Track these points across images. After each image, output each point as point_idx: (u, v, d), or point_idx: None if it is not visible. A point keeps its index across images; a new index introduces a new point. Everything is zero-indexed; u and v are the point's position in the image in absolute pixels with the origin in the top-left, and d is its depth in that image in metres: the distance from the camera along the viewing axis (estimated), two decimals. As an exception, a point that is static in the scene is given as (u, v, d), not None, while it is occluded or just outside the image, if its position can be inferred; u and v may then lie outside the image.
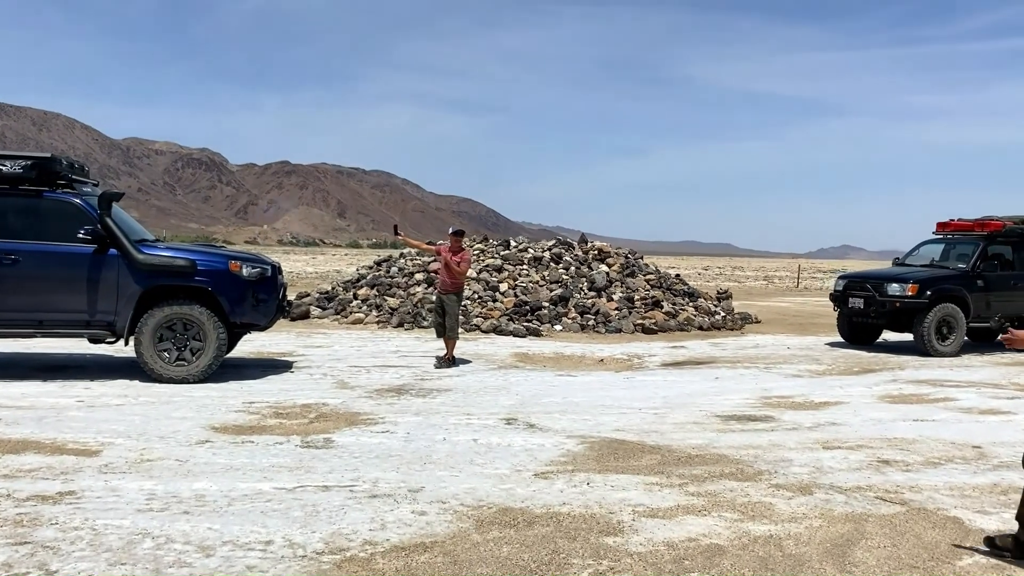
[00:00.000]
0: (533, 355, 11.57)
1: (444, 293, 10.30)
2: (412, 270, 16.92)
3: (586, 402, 7.98)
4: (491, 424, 6.85)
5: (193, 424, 6.56)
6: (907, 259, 14.40)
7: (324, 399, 7.78)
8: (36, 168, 8.23)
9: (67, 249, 8.28)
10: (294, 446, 5.96)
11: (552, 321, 14.66)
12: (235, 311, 8.66)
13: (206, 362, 8.47)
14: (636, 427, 6.92)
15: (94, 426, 6.39)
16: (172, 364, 8.43)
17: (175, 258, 8.49)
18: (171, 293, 8.51)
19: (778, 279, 53.86)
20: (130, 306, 8.37)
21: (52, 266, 8.28)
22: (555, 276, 16.16)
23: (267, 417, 6.94)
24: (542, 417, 7.17)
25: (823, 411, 7.88)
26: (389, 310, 15.34)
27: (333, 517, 4.42)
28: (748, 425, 7.14)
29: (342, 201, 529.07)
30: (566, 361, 11.19)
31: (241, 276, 8.68)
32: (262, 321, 8.97)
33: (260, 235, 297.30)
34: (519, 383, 9.05)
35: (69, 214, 8.35)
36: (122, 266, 8.34)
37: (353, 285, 17.10)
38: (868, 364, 11.51)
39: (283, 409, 7.27)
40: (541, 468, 5.54)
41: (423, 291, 15.88)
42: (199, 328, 8.46)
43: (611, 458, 5.87)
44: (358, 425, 6.71)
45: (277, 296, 9.12)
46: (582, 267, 16.80)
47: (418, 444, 6.11)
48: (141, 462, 5.43)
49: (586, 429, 6.77)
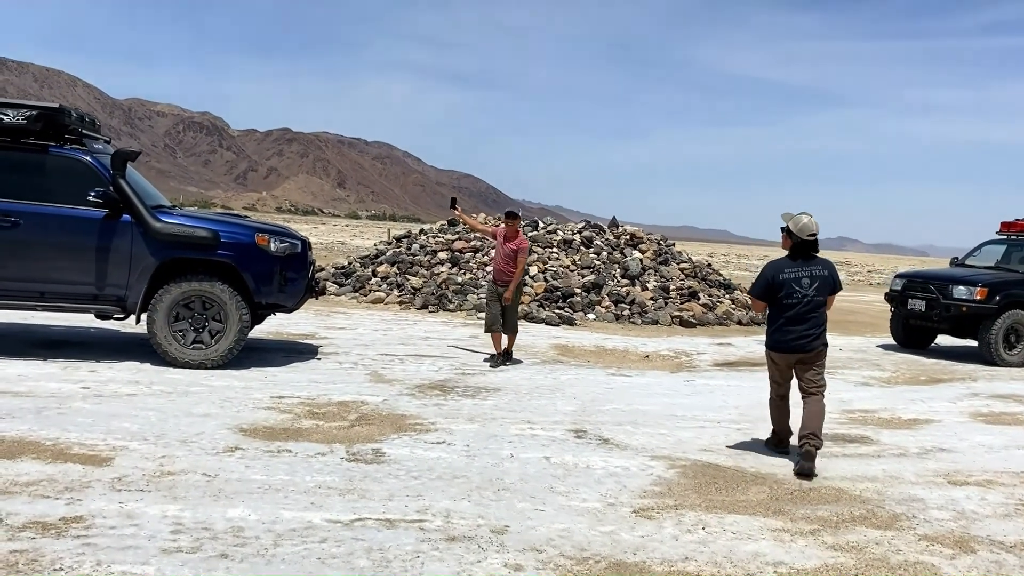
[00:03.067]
0: (573, 348, 10.67)
1: (501, 283, 8.96)
2: (435, 248, 15.98)
3: (655, 411, 7.08)
4: (559, 437, 5.95)
5: (218, 424, 5.65)
6: (967, 260, 13.47)
7: (362, 395, 6.87)
8: (42, 120, 7.24)
9: (75, 213, 7.32)
10: (339, 459, 5.06)
11: (585, 309, 13.75)
12: (260, 290, 7.72)
13: (226, 346, 7.55)
14: (723, 445, 6.03)
15: (103, 423, 5.48)
16: (188, 347, 7.51)
17: (196, 228, 7.53)
18: (190, 267, 7.57)
19: (788, 270, 53.05)
20: (144, 280, 7.43)
21: (57, 231, 7.33)
22: (586, 261, 15.22)
23: (301, 417, 6.04)
24: (613, 430, 6.27)
25: (920, 431, 7.00)
26: (412, 290, 14.41)
27: (409, 569, 3.53)
28: (848, 448, 6.25)
29: (342, 171, 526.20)
30: (610, 356, 10.29)
31: (268, 251, 7.74)
32: (290, 302, 8.04)
33: (259, 202, 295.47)
34: (571, 383, 8.15)
35: (78, 173, 7.39)
36: (136, 235, 7.39)
37: (372, 261, 16.16)
38: (933, 372, 10.62)
39: (318, 407, 6.36)
40: (637, 501, 4.65)
41: (447, 271, 14.94)
42: (220, 308, 7.53)
43: (712, 488, 4.99)
44: (407, 432, 5.80)
45: (307, 275, 8.18)
46: (614, 252, 15.86)
47: (483, 461, 5.20)
48: (162, 475, 4.52)
49: (668, 448, 5.88)
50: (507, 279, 8.88)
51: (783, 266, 5.69)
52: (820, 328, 5.72)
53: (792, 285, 5.63)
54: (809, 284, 5.64)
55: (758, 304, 5.92)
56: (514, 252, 8.86)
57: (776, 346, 5.79)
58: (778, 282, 5.65)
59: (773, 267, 5.72)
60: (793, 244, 5.72)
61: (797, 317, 5.64)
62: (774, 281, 5.67)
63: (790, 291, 5.62)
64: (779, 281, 5.65)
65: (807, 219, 5.70)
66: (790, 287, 5.63)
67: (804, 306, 5.63)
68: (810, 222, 5.69)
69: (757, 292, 5.83)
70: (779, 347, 5.77)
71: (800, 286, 5.63)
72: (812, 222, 5.69)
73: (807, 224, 5.67)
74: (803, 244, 5.70)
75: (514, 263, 8.88)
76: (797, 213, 5.77)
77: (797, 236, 5.69)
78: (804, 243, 5.70)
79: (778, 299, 5.66)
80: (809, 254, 5.74)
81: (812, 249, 5.73)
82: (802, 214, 5.74)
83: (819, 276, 5.67)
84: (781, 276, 5.65)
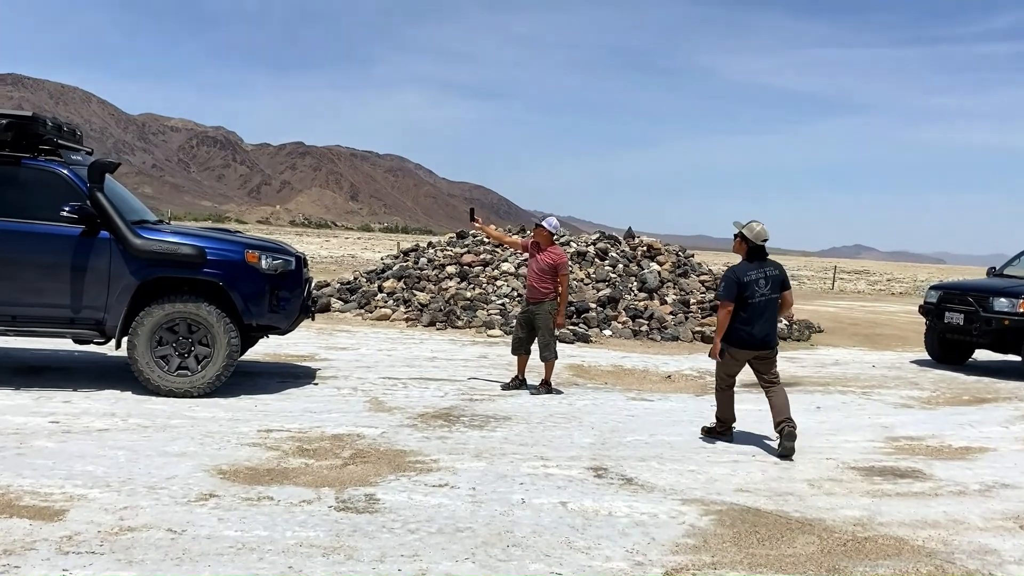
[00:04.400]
0: (590, 368, 10.03)
1: (533, 302, 8.07)
2: (443, 262, 15.37)
3: (682, 443, 6.43)
4: (576, 476, 5.31)
5: (194, 465, 5.04)
6: (1006, 269, 12.74)
7: (358, 428, 6.25)
8: (13, 129, 6.69)
9: (48, 230, 6.76)
10: (327, 507, 4.44)
11: (601, 325, 13.10)
12: (251, 311, 7.12)
13: (213, 372, 6.96)
14: (762, 486, 5.37)
15: (65, 465, 4.88)
16: (172, 374, 6.92)
17: (180, 244, 6.95)
18: (174, 287, 6.99)
19: (806, 279, 52.16)
20: (123, 301, 6.85)
21: (29, 250, 6.78)
22: (601, 274, 14.58)
23: (289, 455, 5.42)
24: (637, 466, 5.63)
25: (976, 463, 6.32)
26: (419, 306, 13.81)
27: (398, 661, 2.90)
28: (900, 484, 5.58)
29: (355, 184, 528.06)
30: (629, 377, 9.64)
31: (259, 269, 7.15)
32: (283, 324, 7.44)
33: (272, 215, 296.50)
34: (589, 409, 7.51)
35: (52, 187, 6.83)
36: (115, 252, 6.82)
37: (378, 276, 15.57)
38: (976, 391, 9.91)
39: (309, 442, 5.75)
40: (668, 558, 4.00)
41: (456, 286, 14.34)
42: (206, 331, 6.94)
43: (753, 540, 4.34)
44: (406, 472, 5.18)
45: (301, 293, 7.59)
46: (631, 265, 15.21)
47: (491, 509, 4.57)
48: (120, 532, 3.91)
49: (700, 488, 5.23)
50: (540, 297, 8.01)
51: (745, 269, 6.27)
52: (776, 325, 6.48)
53: (753, 286, 6.22)
54: (765, 284, 6.25)
55: (726, 307, 6.26)
56: (551, 268, 7.97)
57: (742, 343, 6.30)
58: (743, 283, 6.21)
59: (737, 271, 6.28)
60: (749, 249, 6.33)
61: (759, 315, 6.23)
62: (740, 282, 6.21)
63: (752, 291, 6.20)
64: (744, 282, 6.21)
65: (760, 227, 6.34)
66: (752, 288, 6.21)
67: (765, 305, 6.25)
68: (762, 230, 6.33)
69: (729, 295, 6.22)
70: (745, 344, 6.30)
71: (759, 286, 6.23)
72: (764, 229, 6.34)
73: (760, 231, 6.32)
74: (758, 248, 6.33)
75: (550, 279, 7.98)
76: (748, 222, 6.37)
77: (752, 241, 6.31)
78: (758, 248, 6.33)
79: (744, 299, 6.19)
80: (763, 257, 6.35)
81: (764, 253, 6.35)
82: (754, 222, 6.36)
83: (772, 276, 6.29)
84: (745, 278, 6.22)
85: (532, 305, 8.10)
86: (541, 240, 8.14)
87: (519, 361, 8.32)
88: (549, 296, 8.05)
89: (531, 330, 8.17)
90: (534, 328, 8.15)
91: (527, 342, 8.22)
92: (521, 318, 8.29)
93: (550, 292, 8.05)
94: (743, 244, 6.34)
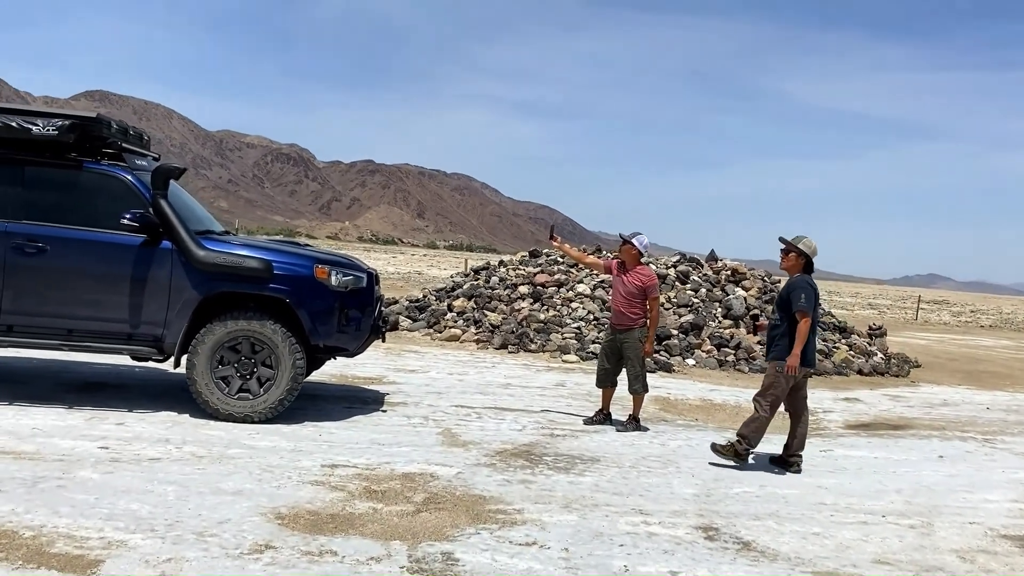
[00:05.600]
0: (676, 401, 9.23)
1: (621, 329, 7.35)
2: (515, 281, 14.76)
3: (797, 496, 5.61)
4: (684, 537, 4.55)
5: (250, 507, 4.46)
6: None
7: (431, 465, 5.61)
8: (75, 130, 6.29)
9: (107, 238, 6.33)
10: (399, 568, 3.79)
11: (684, 353, 12.27)
12: (318, 331, 6.58)
13: (276, 396, 6.42)
14: (903, 556, 4.54)
15: (108, 502, 4.35)
16: (233, 396, 6.41)
17: (245, 257, 6.45)
18: (238, 303, 6.49)
19: (885, 308, 50.05)
20: (184, 317, 6.37)
21: (87, 259, 6.35)
22: (683, 299, 13.75)
23: (356, 497, 4.80)
24: (752, 526, 4.85)
25: None
26: (490, 327, 13.19)
27: None
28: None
29: (422, 202, 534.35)
30: (720, 413, 8.83)
31: (329, 285, 6.59)
32: (351, 345, 6.87)
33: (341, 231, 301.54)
34: (685, 452, 6.73)
35: (114, 192, 6.41)
36: (177, 264, 6.36)
37: (447, 295, 15.03)
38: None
39: (377, 481, 5.13)
40: (815, 658, 3.23)
41: (529, 307, 13.68)
42: (271, 351, 6.42)
43: (913, 634, 3.53)
44: (487, 524, 4.50)
45: (373, 312, 7.02)
46: (714, 289, 14.33)
47: (589, 578, 3.86)
48: (159, 594, 3.33)
49: (830, 557, 4.42)
50: (628, 323, 7.27)
51: (813, 283, 6.11)
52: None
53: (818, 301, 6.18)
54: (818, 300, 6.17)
55: (809, 319, 6.00)
56: (640, 290, 7.23)
57: (806, 361, 6.11)
58: (818, 296, 6.11)
59: (811, 283, 6.09)
60: (806, 262, 6.20)
61: (816, 333, 6.24)
62: (817, 294, 6.10)
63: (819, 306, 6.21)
64: (818, 295, 6.12)
65: (814, 242, 6.25)
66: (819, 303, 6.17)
67: (817, 321, 6.21)
68: (816, 244, 6.25)
69: (811, 306, 5.97)
70: (808, 362, 6.15)
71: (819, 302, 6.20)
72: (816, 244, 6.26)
73: (815, 246, 6.23)
74: (811, 263, 6.23)
75: (639, 304, 7.24)
76: (796, 236, 6.26)
77: (810, 256, 6.19)
78: (811, 262, 6.23)
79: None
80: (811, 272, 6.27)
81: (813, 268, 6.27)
82: (806, 237, 6.26)
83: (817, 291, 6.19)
84: (818, 290, 6.11)
85: (619, 333, 7.36)
86: (628, 260, 7.41)
87: (604, 394, 7.59)
88: (638, 322, 7.30)
89: (618, 360, 7.43)
90: (621, 358, 7.41)
91: (613, 373, 7.49)
92: (606, 347, 7.56)
93: (639, 318, 7.31)
94: (799, 259, 6.20)
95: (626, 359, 7.33)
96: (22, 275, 6.26)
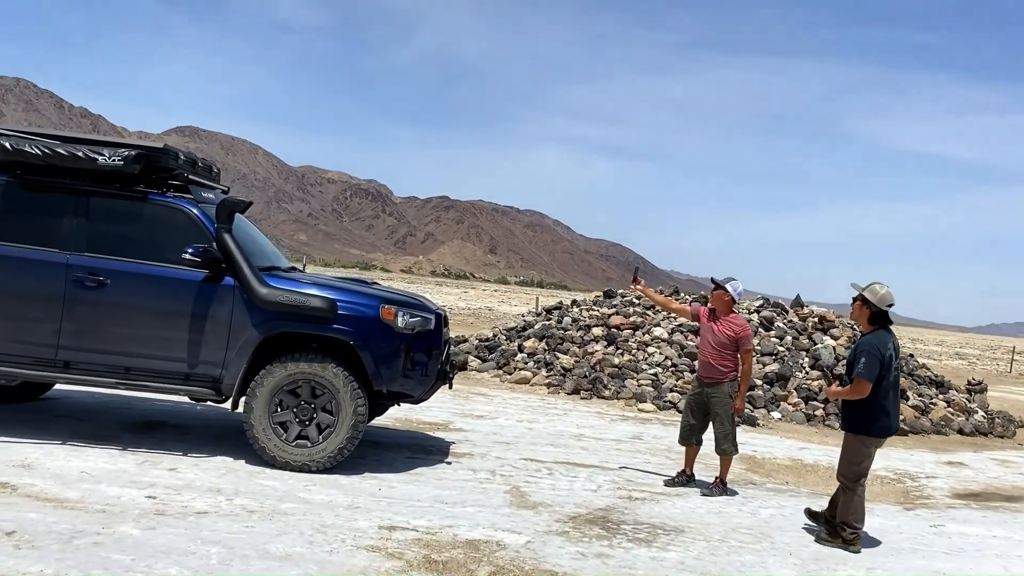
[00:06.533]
0: (764, 461, 8.52)
1: (709, 382, 6.72)
2: (589, 323, 14.21)
3: (914, 585, 4.91)
4: (788, 635, 3.93)
5: (298, 575, 4.03)
6: None
7: (498, 531, 5.10)
8: (141, 161, 6.09)
9: (169, 273, 6.08)
10: (458, 664, 3.29)
11: (768, 406, 11.51)
12: (382, 375, 6.17)
13: (335, 445, 6.03)
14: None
15: (145, 565, 3.97)
16: (291, 443, 6.04)
17: (309, 296, 6.11)
18: (299, 343, 6.16)
19: (974, 358, 47.55)
20: (244, 357, 6.05)
21: (148, 295, 6.11)
22: (767, 347, 12.97)
23: (413, 567, 4.33)
24: (866, 623, 4.19)
25: None
26: (561, 370, 12.66)
27: None
28: None
29: (494, 237, 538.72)
30: (812, 475, 8.08)
31: (395, 327, 6.20)
32: (416, 391, 6.45)
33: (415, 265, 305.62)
34: (779, 522, 6.06)
35: (178, 226, 6.18)
36: (238, 301, 6.06)
37: (518, 334, 14.57)
38: None
39: (438, 549, 4.65)
40: None
41: (603, 350, 13.12)
42: (331, 396, 6.04)
43: None
44: (560, 608, 3.96)
45: (440, 356, 6.59)
46: (800, 338, 13.51)
47: None
48: None
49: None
50: (718, 377, 6.65)
51: (885, 340, 5.44)
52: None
53: (892, 361, 5.42)
54: (894, 357, 5.45)
55: (865, 388, 5.33)
56: (732, 341, 6.63)
57: (885, 430, 5.51)
58: (886, 360, 5.37)
59: (877, 344, 5.41)
60: (873, 314, 5.52)
61: (895, 395, 5.49)
62: (884, 359, 5.36)
63: (891, 367, 5.39)
64: (887, 359, 5.37)
65: (884, 289, 5.54)
66: (892, 363, 5.40)
67: (896, 382, 5.50)
68: (887, 293, 5.53)
69: (871, 374, 5.30)
70: (887, 431, 5.53)
71: (894, 361, 5.44)
72: (889, 292, 5.54)
73: (885, 295, 5.52)
74: (883, 314, 5.53)
75: (731, 356, 6.63)
76: (870, 283, 5.56)
77: (876, 306, 5.51)
78: (883, 313, 5.53)
79: (881, 379, 5.34)
80: (888, 325, 5.56)
81: (889, 321, 5.57)
82: (877, 284, 5.56)
83: (897, 348, 5.55)
84: (887, 353, 5.39)
85: (707, 387, 6.74)
86: (719, 307, 6.81)
87: (687, 452, 6.97)
88: (728, 376, 6.67)
89: (704, 415, 6.82)
90: (707, 413, 6.80)
91: (699, 430, 6.87)
92: (692, 401, 6.95)
93: (730, 371, 6.68)
94: (864, 308, 5.55)
95: (714, 415, 6.71)
96: (82, 309, 6.05)
